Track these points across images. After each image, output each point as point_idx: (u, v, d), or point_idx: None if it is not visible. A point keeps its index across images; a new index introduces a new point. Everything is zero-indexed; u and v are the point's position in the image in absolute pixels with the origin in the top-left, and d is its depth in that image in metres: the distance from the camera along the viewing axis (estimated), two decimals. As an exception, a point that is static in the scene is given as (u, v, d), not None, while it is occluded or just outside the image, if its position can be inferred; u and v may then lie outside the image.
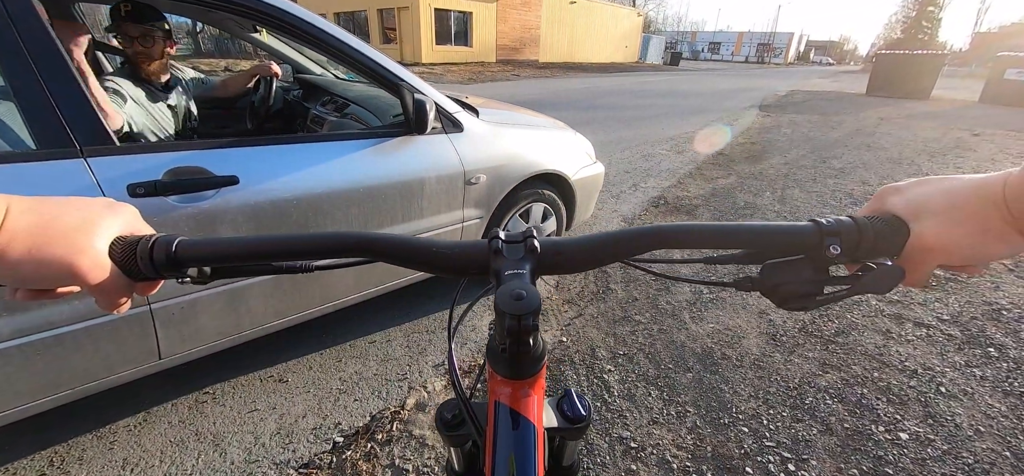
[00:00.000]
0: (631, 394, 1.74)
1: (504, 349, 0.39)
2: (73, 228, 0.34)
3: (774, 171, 5.02)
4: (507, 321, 0.35)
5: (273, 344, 1.90)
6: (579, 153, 2.37)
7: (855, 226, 0.39)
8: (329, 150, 1.48)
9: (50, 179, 1.04)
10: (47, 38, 1.02)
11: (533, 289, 0.36)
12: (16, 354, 1.11)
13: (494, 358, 0.42)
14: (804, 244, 0.40)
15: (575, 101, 10.80)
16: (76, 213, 0.35)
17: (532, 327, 0.35)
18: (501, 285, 0.38)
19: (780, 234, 0.40)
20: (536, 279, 0.41)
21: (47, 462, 1.41)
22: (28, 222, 0.33)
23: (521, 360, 0.41)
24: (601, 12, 33.83)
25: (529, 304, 0.35)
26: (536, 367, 0.42)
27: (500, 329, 0.38)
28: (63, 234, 0.34)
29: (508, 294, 0.36)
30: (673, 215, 3.64)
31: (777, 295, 0.41)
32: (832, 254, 0.38)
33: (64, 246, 0.34)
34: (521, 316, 0.35)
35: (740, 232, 0.41)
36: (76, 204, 0.36)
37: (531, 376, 0.42)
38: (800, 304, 0.41)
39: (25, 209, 0.33)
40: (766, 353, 1.98)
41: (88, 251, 0.35)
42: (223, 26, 2.39)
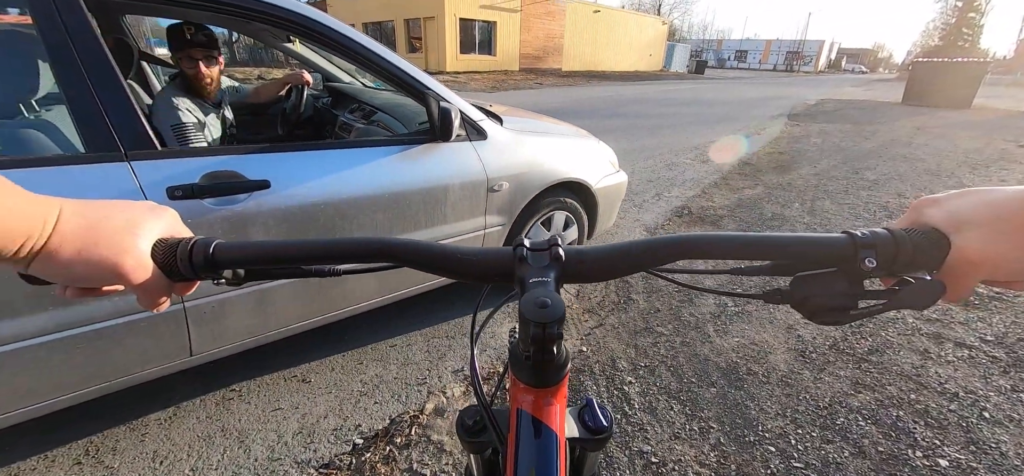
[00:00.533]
0: (652, 407, 1.71)
1: (528, 357, 0.39)
2: (119, 230, 0.36)
3: (803, 182, 4.88)
4: (532, 329, 0.35)
5: (297, 345, 1.94)
6: (602, 161, 2.35)
7: (892, 238, 0.37)
8: (356, 156, 1.52)
9: (97, 181, 1.09)
10: (99, 49, 1.08)
11: (558, 297, 0.36)
12: (59, 347, 1.17)
13: (517, 365, 0.42)
14: (837, 256, 0.39)
15: (598, 109, 10.76)
16: (122, 215, 0.37)
17: (557, 335, 0.35)
18: (525, 293, 0.38)
19: (812, 246, 0.39)
20: (560, 287, 0.41)
21: (83, 451, 1.47)
22: (78, 224, 0.34)
23: (545, 368, 0.40)
24: (625, 21, 33.73)
25: (554, 312, 0.35)
26: (559, 376, 0.41)
27: (524, 337, 0.38)
28: (110, 236, 0.35)
29: (533, 302, 0.36)
30: (697, 225, 3.58)
31: (808, 308, 0.40)
32: (867, 267, 0.37)
33: (110, 247, 0.35)
34: (546, 324, 0.34)
35: (770, 243, 0.40)
36: (122, 207, 0.38)
37: (554, 385, 0.42)
38: (833, 318, 0.39)
39: (75, 211, 0.35)
40: (794, 370, 1.92)
41: (132, 252, 0.36)
42: (259, 36, 2.49)
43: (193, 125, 1.68)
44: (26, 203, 0.32)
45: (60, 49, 1.03)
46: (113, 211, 0.37)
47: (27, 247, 0.32)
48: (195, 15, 1.74)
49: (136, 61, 2.08)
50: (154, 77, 2.45)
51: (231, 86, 2.30)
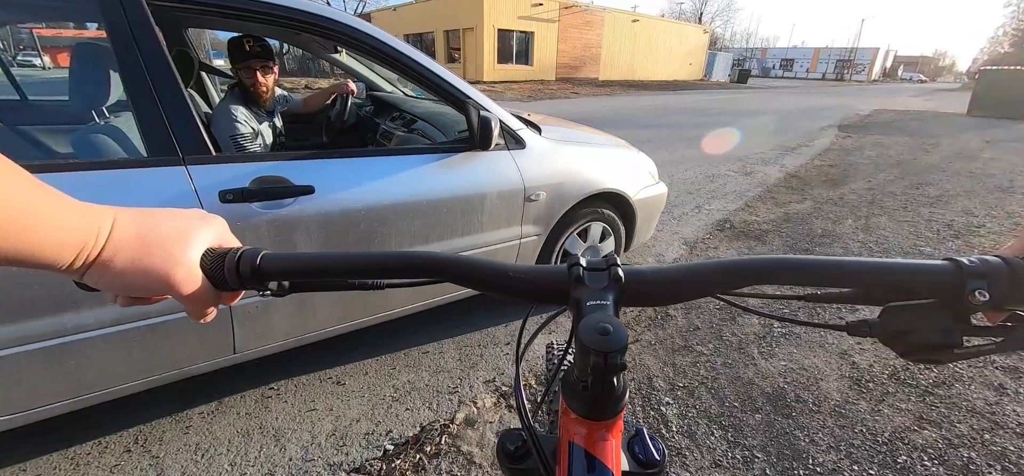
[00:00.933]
0: (691, 431, 1.63)
1: (585, 386, 0.36)
2: (171, 239, 0.36)
3: (856, 197, 4.59)
4: (592, 358, 0.32)
5: (333, 347, 1.98)
6: (642, 172, 2.30)
7: (1007, 268, 0.33)
8: (397, 163, 1.54)
9: (157, 183, 1.16)
10: (164, 61, 1.14)
11: (619, 324, 0.34)
12: (116, 341, 1.24)
13: (570, 394, 0.39)
14: (938, 286, 0.34)
15: (635, 119, 10.59)
16: (174, 224, 0.37)
17: (619, 366, 0.32)
18: (583, 317, 0.35)
19: (909, 273, 0.35)
20: (619, 311, 0.38)
21: (132, 439, 1.55)
22: (131, 233, 0.34)
23: (603, 400, 0.37)
24: (665, 29, 33.21)
25: (616, 340, 0.32)
26: (617, 408, 0.38)
27: (582, 365, 0.35)
28: (162, 245, 0.35)
29: (593, 328, 0.33)
30: (740, 241, 3.43)
31: (901, 344, 0.35)
32: (977, 301, 0.33)
33: (162, 257, 0.35)
34: (608, 353, 0.32)
35: (860, 269, 0.36)
36: (174, 215, 0.38)
37: (611, 418, 0.38)
38: (932, 357, 0.35)
39: (128, 221, 0.35)
40: (849, 399, 1.78)
41: (183, 262, 0.36)
42: (308, 47, 2.59)
43: (249, 134, 1.77)
44: (80, 214, 0.32)
45: (130, 60, 1.10)
46: (165, 220, 0.37)
47: (82, 258, 0.32)
48: (254, 28, 1.84)
49: (196, 71, 2.21)
50: (211, 87, 2.60)
51: (282, 95, 2.40)
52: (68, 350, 1.16)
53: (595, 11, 26.58)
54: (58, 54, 21.05)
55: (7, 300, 1.06)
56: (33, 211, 0.28)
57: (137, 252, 0.34)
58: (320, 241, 1.41)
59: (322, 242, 1.41)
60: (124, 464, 1.46)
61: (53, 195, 0.30)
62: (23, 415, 1.20)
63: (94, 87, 1.40)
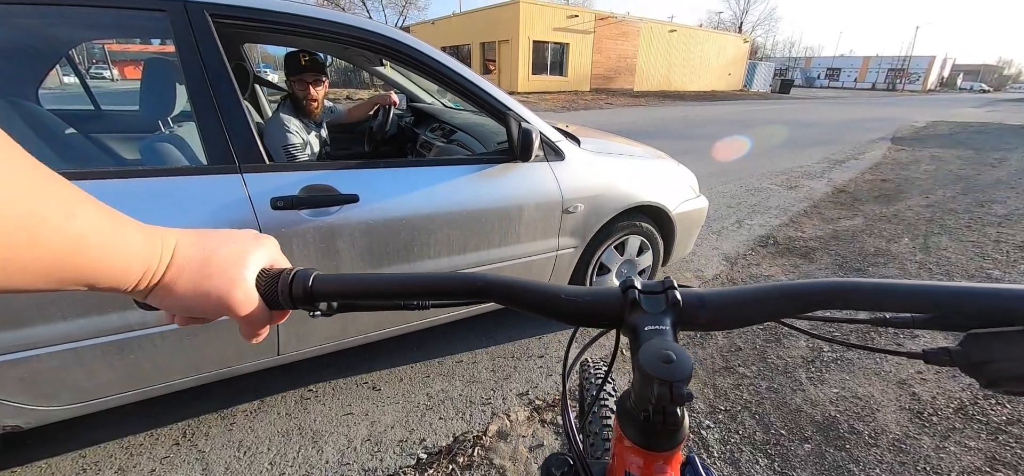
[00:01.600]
0: (734, 458, 1.55)
1: (646, 417, 0.34)
2: (229, 262, 0.37)
3: (913, 214, 4.31)
4: (656, 387, 0.31)
5: (369, 352, 2.02)
6: (682, 185, 2.24)
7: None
8: (438, 174, 1.56)
9: (215, 190, 1.22)
10: (226, 74, 1.21)
11: (684, 351, 0.32)
12: (172, 338, 1.30)
13: (627, 422, 0.38)
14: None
15: (670, 130, 10.38)
16: (231, 247, 0.38)
17: (685, 396, 0.31)
18: (642, 342, 0.34)
19: (994, 298, 0.32)
20: (677, 336, 0.36)
21: (181, 433, 1.62)
22: (192, 256, 0.35)
23: (664, 431, 0.36)
24: (703, 39, 32.54)
25: (681, 369, 0.31)
26: (677, 440, 0.36)
27: (642, 393, 0.34)
28: (221, 268, 0.36)
29: (655, 355, 0.32)
30: (784, 258, 3.27)
31: (986, 374, 0.32)
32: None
33: (222, 279, 0.36)
34: (673, 383, 0.30)
35: (936, 293, 0.34)
36: (231, 237, 0.39)
37: (670, 450, 0.36)
38: (1021, 388, 0.32)
39: (189, 243, 0.36)
40: (909, 434, 1.66)
41: (240, 284, 0.37)
42: (354, 60, 2.69)
43: (299, 144, 1.85)
44: (144, 237, 0.33)
45: (195, 74, 1.18)
46: (223, 242, 0.38)
47: (145, 280, 0.33)
48: (306, 43, 1.93)
49: (251, 84, 2.33)
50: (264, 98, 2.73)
51: (328, 106, 2.50)
52: (130, 345, 1.24)
53: (631, 22, 26.37)
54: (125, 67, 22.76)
55: (82, 296, 1.13)
56: (101, 235, 0.29)
57: (198, 275, 0.35)
58: (363, 248, 1.44)
59: (365, 250, 1.44)
60: (173, 456, 1.52)
61: (119, 219, 0.31)
62: (91, 404, 1.28)
63: (162, 98, 1.50)
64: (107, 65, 22.86)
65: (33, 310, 1.10)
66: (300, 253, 1.34)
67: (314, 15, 1.37)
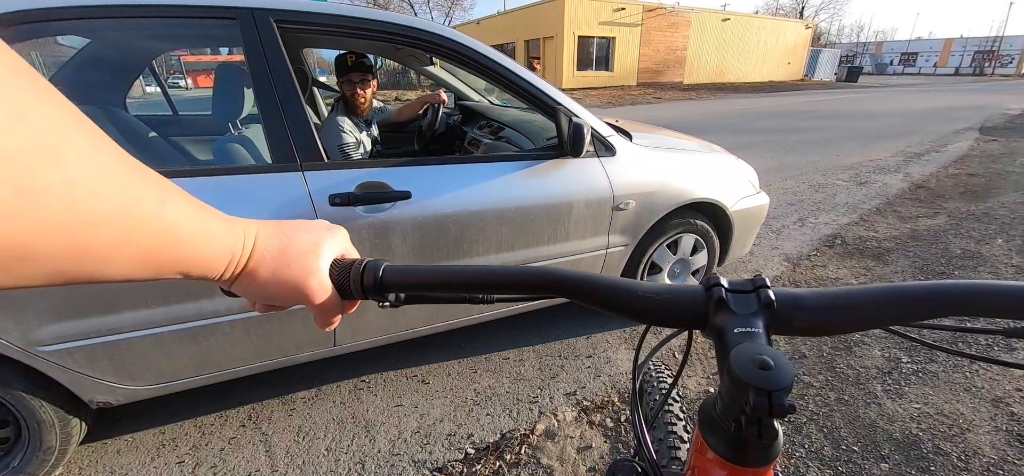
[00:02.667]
0: (800, 474, 1.45)
1: (737, 427, 0.31)
2: (305, 251, 0.37)
3: (1007, 212, 3.85)
4: (752, 397, 0.28)
5: (418, 346, 2.06)
6: (741, 181, 2.11)
7: None
8: (487, 170, 1.56)
9: (279, 187, 1.28)
10: (289, 79, 1.27)
11: (783, 357, 0.29)
12: (240, 327, 1.39)
13: (712, 430, 0.34)
14: None
15: (724, 124, 9.89)
16: (307, 236, 0.38)
17: (786, 408, 0.27)
18: (731, 346, 0.31)
19: None
20: (770, 339, 0.33)
21: (247, 416, 1.72)
22: (271, 246, 0.36)
23: (757, 445, 0.32)
24: (760, 27, 30.76)
25: (781, 377, 0.28)
26: (771, 455, 0.33)
27: (733, 401, 0.31)
28: (298, 257, 0.37)
29: (749, 360, 0.29)
30: (853, 259, 3.02)
31: None
32: None
33: (299, 268, 0.37)
34: (772, 392, 0.27)
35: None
36: (305, 227, 0.39)
37: (762, 466, 0.33)
38: None
39: (268, 233, 0.37)
40: (1007, 458, 1.47)
41: (316, 273, 0.37)
42: (404, 60, 2.75)
43: (353, 143, 1.92)
44: (227, 227, 0.34)
45: (262, 77, 1.24)
46: (299, 232, 0.38)
47: (230, 269, 0.34)
48: (362, 45, 2.00)
49: (310, 87, 2.45)
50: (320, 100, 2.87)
51: (378, 106, 2.57)
52: (203, 332, 1.33)
53: (681, 12, 25.36)
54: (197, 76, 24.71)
55: (162, 286, 1.23)
56: (190, 223, 0.30)
57: (277, 263, 0.36)
58: (414, 243, 1.47)
59: (416, 245, 1.47)
60: (240, 437, 1.63)
61: (205, 209, 0.32)
62: (168, 385, 1.39)
63: (231, 102, 1.60)
64: (182, 75, 24.93)
65: (120, 297, 1.20)
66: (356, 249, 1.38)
67: (367, 16, 1.42)
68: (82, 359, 1.22)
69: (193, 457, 1.55)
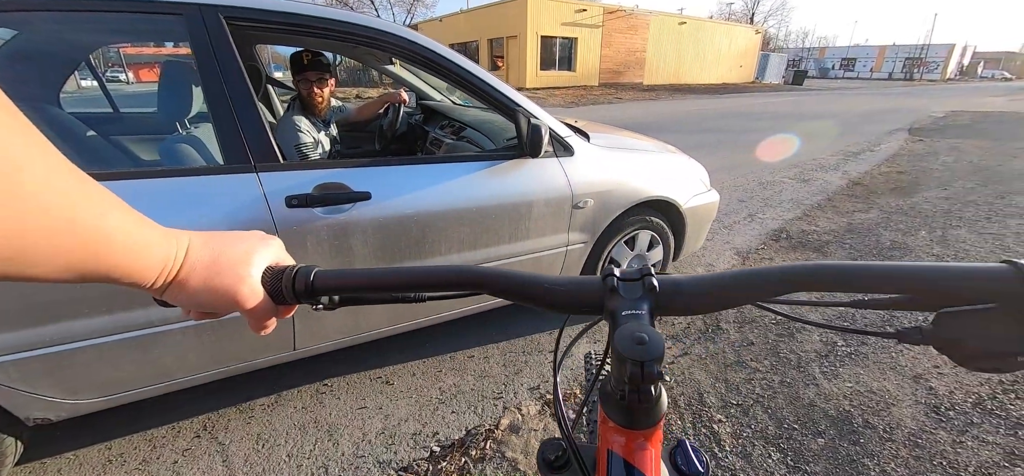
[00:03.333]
0: (746, 452, 1.55)
1: (622, 396, 0.36)
2: (237, 260, 0.39)
3: (930, 206, 4.22)
4: (629, 367, 0.32)
5: (382, 347, 2.05)
6: (693, 179, 2.23)
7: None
8: (448, 171, 1.58)
9: (232, 189, 1.25)
10: (240, 76, 1.24)
11: (656, 333, 0.34)
12: (192, 333, 1.34)
13: (609, 403, 0.39)
14: (997, 291, 0.32)
15: (682, 124, 10.28)
16: (240, 246, 0.41)
17: (657, 375, 0.32)
18: (619, 326, 0.36)
19: (962, 278, 0.33)
20: (654, 320, 0.38)
21: (202, 426, 1.66)
22: (203, 255, 0.38)
23: (640, 409, 0.38)
24: (714, 31, 32.10)
25: (653, 349, 0.32)
26: (655, 417, 0.38)
27: (619, 374, 0.35)
28: (230, 266, 0.39)
29: (629, 337, 0.33)
30: (798, 252, 3.24)
31: (958, 352, 0.33)
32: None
33: (230, 276, 0.39)
34: (644, 362, 0.32)
35: (907, 274, 0.34)
36: (239, 237, 0.41)
37: (649, 427, 0.38)
38: (992, 365, 0.33)
39: (201, 244, 0.39)
40: (925, 429, 1.64)
41: (247, 280, 0.39)
42: (363, 59, 2.71)
43: (311, 143, 1.88)
44: (161, 237, 0.35)
45: (211, 75, 1.20)
46: (231, 242, 0.40)
47: (162, 278, 0.36)
48: (316, 43, 1.95)
49: (264, 84, 2.37)
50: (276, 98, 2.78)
51: (337, 105, 2.52)
52: (152, 341, 1.27)
53: (640, 15, 26.11)
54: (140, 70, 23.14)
55: (109, 292, 1.17)
56: (127, 235, 0.31)
57: (209, 273, 0.38)
58: (374, 245, 1.46)
59: (377, 246, 1.46)
60: (194, 448, 1.57)
61: (141, 220, 0.34)
62: (115, 398, 1.33)
63: (179, 100, 1.53)
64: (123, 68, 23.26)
65: (61, 307, 1.14)
66: (314, 250, 1.37)
67: (323, 15, 1.40)
68: (16, 374, 1.15)
69: (143, 472, 1.48)
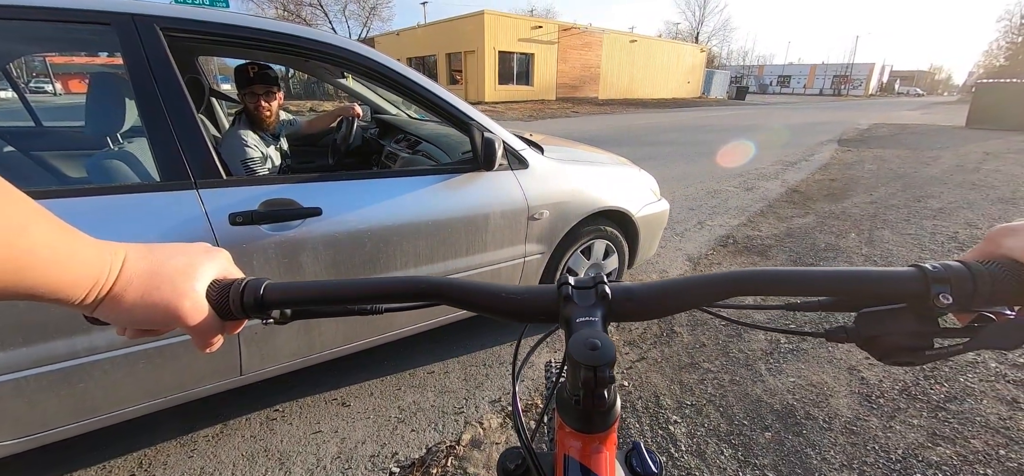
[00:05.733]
0: (701, 450, 1.61)
1: (577, 401, 0.37)
2: (178, 273, 0.37)
3: (859, 210, 4.60)
4: (582, 372, 0.34)
5: (338, 367, 1.98)
6: (643, 190, 2.31)
7: (968, 272, 0.34)
8: (402, 185, 1.56)
9: (170, 207, 1.18)
10: (178, 88, 1.18)
11: (607, 338, 0.35)
12: (123, 363, 1.24)
13: (564, 409, 0.40)
14: (906, 292, 0.36)
15: (636, 137, 10.68)
16: (181, 258, 0.38)
17: (609, 379, 0.33)
18: (573, 333, 0.37)
19: (877, 281, 0.37)
20: (607, 326, 0.39)
21: (136, 464, 1.54)
22: (141, 269, 0.36)
23: (594, 414, 0.38)
24: (663, 49, 33.70)
25: (604, 354, 0.34)
26: (609, 421, 0.39)
27: (573, 380, 0.36)
28: (170, 279, 0.37)
29: (582, 343, 0.35)
30: (743, 256, 3.43)
31: (877, 348, 0.37)
32: (941, 304, 0.34)
33: (170, 290, 0.36)
34: (597, 367, 0.33)
35: (833, 278, 0.38)
36: (180, 250, 0.39)
37: (603, 431, 0.39)
38: (906, 359, 0.36)
39: (138, 257, 0.36)
40: (860, 416, 1.76)
41: (189, 294, 0.37)
42: (315, 72, 2.65)
43: (258, 158, 1.80)
44: (93, 251, 0.33)
45: (145, 87, 1.14)
46: (172, 255, 0.38)
47: (93, 294, 0.33)
48: (262, 56, 1.89)
49: (206, 97, 2.26)
50: (220, 111, 2.65)
51: (287, 119, 2.45)
52: (78, 373, 1.17)
53: (594, 32, 27.04)
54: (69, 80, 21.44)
55: (25, 322, 1.07)
56: (52, 249, 0.29)
57: (147, 287, 0.35)
58: (327, 262, 1.42)
59: (330, 263, 1.42)
60: (129, 489, 1.45)
61: (70, 233, 0.31)
62: (35, 438, 1.20)
63: (109, 113, 1.44)
64: (49, 79, 21.47)
65: (-33, 341, 1.03)
66: (262, 269, 1.31)
67: (269, 28, 1.36)
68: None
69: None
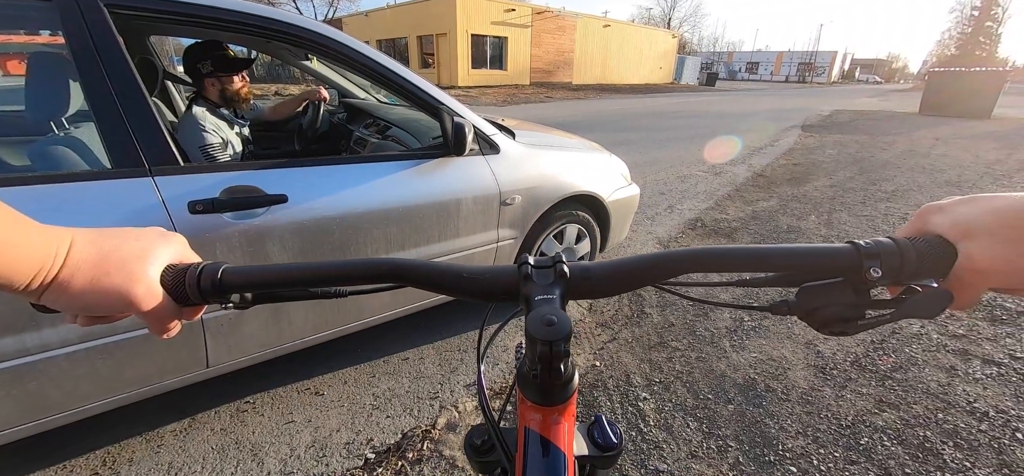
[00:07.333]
0: (668, 424, 1.68)
1: (535, 375, 0.39)
2: (130, 258, 0.36)
3: (819, 193, 4.81)
4: (538, 347, 0.35)
5: (310, 357, 1.95)
6: (614, 174, 2.35)
7: (896, 248, 0.37)
8: (371, 171, 1.54)
9: (122, 195, 1.12)
10: (126, 68, 1.11)
11: (564, 315, 0.36)
12: (82, 358, 1.19)
13: (524, 384, 0.42)
14: (842, 267, 0.38)
15: (608, 122, 10.78)
16: (133, 243, 0.37)
17: (564, 353, 0.35)
18: (531, 311, 0.38)
19: (816, 257, 0.39)
20: (565, 304, 0.41)
21: (100, 462, 1.49)
22: (90, 254, 0.34)
23: (552, 387, 0.40)
24: (635, 34, 33.92)
25: (560, 330, 0.35)
26: (567, 394, 0.41)
27: (531, 355, 0.38)
28: (121, 264, 0.35)
29: (539, 320, 0.36)
30: (711, 237, 3.54)
31: (816, 319, 0.40)
32: (872, 277, 0.37)
33: (122, 276, 0.35)
34: (553, 342, 0.35)
35: (775, 255, 0.40)
36: (133, 234, 0.38)
37: (562, 403, 0.41)
38: (840, 329, 0.39)
39: (87, 241, 0.35)
40: (814, 387, 1.87)
41: (143, 279, 0.36)
42: (278, 54, 2.55)
43: (218, 144, 1.73)
44: (38, 235, 0.32)
45: (90, 68, 1.07)
46: (124, 239, 0.37)
47: (39, 279, 0.32)
48: (220, 36, 1.80)
49: (160, 80, 2.15)
50: (177, 95, 2.53)
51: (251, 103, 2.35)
52: (30, 370, 1.12)
53: (567, 16, 26.93)
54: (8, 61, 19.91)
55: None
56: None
57: (96, 272, 0.34)
58: (294, 251, 1.39)
59: (296, 252, 1.39)
60: (91, 488, 1.40)
61: (10, 215, 0.30)
62: (-21, 441, 1.15)
63: (52, 97, 1.35)
64: (-17, 60, 19.88)
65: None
66: (225, 258, 1.26)
67: (227, 7, 1.29)
68: None
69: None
